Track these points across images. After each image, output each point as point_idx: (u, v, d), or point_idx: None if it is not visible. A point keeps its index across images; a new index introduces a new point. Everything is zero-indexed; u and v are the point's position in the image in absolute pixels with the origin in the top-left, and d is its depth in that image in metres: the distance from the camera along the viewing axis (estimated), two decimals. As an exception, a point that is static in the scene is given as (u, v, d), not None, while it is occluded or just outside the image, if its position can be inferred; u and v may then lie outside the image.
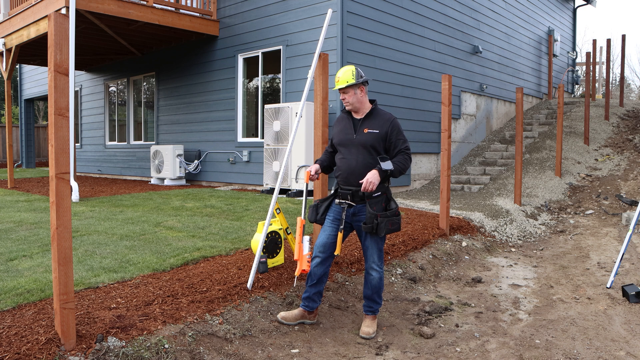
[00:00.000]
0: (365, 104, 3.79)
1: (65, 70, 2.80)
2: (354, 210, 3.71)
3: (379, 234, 3.57)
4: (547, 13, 15.46)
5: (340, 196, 3.74)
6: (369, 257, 3.74)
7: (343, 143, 3.77)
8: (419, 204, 8.23)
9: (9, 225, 6.10)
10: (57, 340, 2.84)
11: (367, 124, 3.71)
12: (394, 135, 3.68)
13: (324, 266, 3.76)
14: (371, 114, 3.76)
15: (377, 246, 3.72)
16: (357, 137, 3.70)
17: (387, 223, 3.57)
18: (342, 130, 3.81)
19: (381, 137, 3.66)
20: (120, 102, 14.04)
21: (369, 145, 3.65)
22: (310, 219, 3.88)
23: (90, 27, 10.07)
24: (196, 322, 3.38)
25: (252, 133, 10.30)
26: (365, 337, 3.73)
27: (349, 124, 3.79)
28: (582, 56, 22.60)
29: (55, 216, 2.77)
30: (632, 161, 10.29)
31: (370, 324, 3.82)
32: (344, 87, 3.69)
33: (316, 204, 3.86)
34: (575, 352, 3.50)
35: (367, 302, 3.85)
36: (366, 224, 3.58)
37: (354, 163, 3.68)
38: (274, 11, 9.54)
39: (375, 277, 3.73)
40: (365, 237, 3.72)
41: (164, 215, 6.66)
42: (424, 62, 10.25)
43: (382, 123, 3.70)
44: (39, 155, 20.05)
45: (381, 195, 3.64)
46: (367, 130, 3.67)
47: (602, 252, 6.30)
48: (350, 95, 3.72)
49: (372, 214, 3.55)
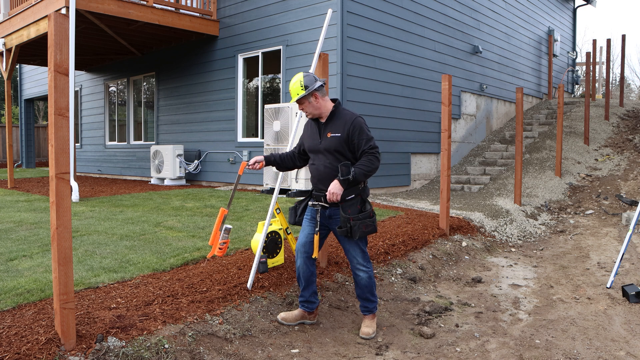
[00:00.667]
0: (325, 107, 3.64)
1: (65, 70, 2.80)
2: (329, 212, 3.64)
3: (353, 237, 3.51)
4: (547, 13, 15.46)
5: (314, 197, 3.70)
6: (353, 259, 3.68)
7: (311, 149, 3.71)
8: (419, 204, 8.23)
9: (9, 225, 6.10)
10: (57, 340, 2.84)
11: (330, 128, 3.60)
12: (356, 136, 3.52)
13: (307, 266, 3.72)
14: (332, 117, 3.63)
15: (359, 247, 3.66)
16: (322, 142, 3.61)
17: (360, 226, 3.49)
18: (310, 136, 3.74)
19: (344, 140, 3.53)
20: (120, 102, 14.04)
21: (333, 150, 3.55)
22: (290, 221, 3.84)
23: (90, 27, 10.07)
24: (196, 322, 3.38)
25: (252, 133, 10.30)
26: (365, 338, 3.71)
27: (315, 129, 3.70)
28: (582, 56, 22.60)
29: (55, 216, 2.77)
30: (632, 161, 10.29)
31: (369, 324, 3.80)
32: (300, 98, 3.59)
33: (295, 205, 3.82)
34: (575, 352, 3.50)
35: (362, 302, 3.82)
36: (340, 228, 3.52)
37: (322, 169, 3.61)
38: (274, 11, 9.54)
39: (364, 277, 3.69)
40: (343, 240, 3.66)
41: (164, 215, 6.66)
42: (424, 62, 10.25)
43: (343, 125, 3.55)
44: (39, 155, 20.05)
45: (355, 197, 3.55)
46: (330, 135, 3.57)
47: (602, 252, 6.30)
48: (306, 106, 3.61)
49: (345, 217, 3.49)
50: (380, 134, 9.25)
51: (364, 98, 8.92)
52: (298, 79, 3.58)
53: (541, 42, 15.14)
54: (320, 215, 3.67)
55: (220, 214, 3.82)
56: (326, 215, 3.67)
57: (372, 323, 3.81)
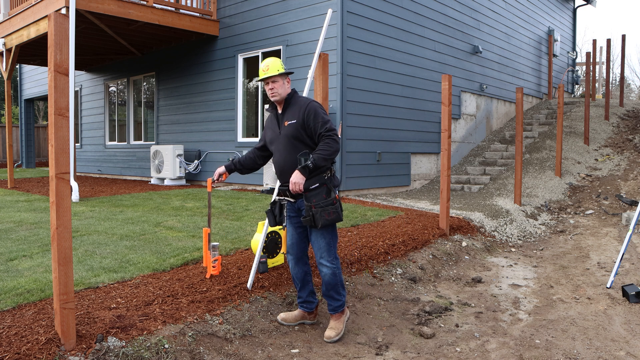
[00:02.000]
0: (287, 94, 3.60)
1: (65, 70, 2.80)
2: (298, 205, 3.56)
3: (316, 226, 3.38)
4: (547, 13, 15.46)
5: (280, 192, 3.63)
6: (317, 252, 3.53)
7: (271, 141, 3.64)
8: (419, 204, 8.23)
9: (9, 225, 6.10)
10: (57, 340, 2.84)
11: (287, 116, 3.53)
12: (311, 120, 3.42)
13: (300, 266, 3.68)
14: (288, 105, 3.56)
15: (324, 240, 3.50)
16: (281, 132, 3.54)
17: (322, 213, 3.35)
18: (269, 128, 3.69)
19: (300, 126, 3.45)
20: (120, 102, 14.05)
21: (292, 138, 3.47)
22: (270, 224, 3.71)
23: (90, 27, 10.07)
24: (196, 322, 3.38)
25: (252, 133, 10.29)
26: (326, 341, 3.58)
27: (274, 120, 3.65)
28: (582, 56, 22.60)
29: (55, 216, 2.77)
30: (632, 161, 10.29)
31: (333, 326, 3.65)
32: (275, 76, 3.51)
33: (270, 208, 3.70)
34: (575, 352, 3.50)
35: (327, 299, 3.66)
36: (304, 217, 3.41)
37: (282, 161, 3.54)
38: (274, 11, 9.54)
39: (327, 273, 3.53)
40: (310, 232, 3.54)
41: (164, 215, 6.66)
42: (424, 62, 10.25)
43: (298, 111, 3.48)
44: (39, 155, 20.05)
45: (320, 187, 3.42)
46: (287, 123, 3.50)
47: (602, 252, 6.30)
48: (279, 85, 3.54)
49: (307, 205, 3.39)
50: (380, 134, 9.25)
51: (364, 98, 8.92)
52: (277, 59, 3.61)
53: (541, 42, 15.14)
54: (291, 209, 3.61)
55: (204, 234, 3.91)
56: (296, 209, 3.60)
57: (337, 324, 3.67)
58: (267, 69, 3.55)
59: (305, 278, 3.73)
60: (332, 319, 3.69)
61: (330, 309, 3.67)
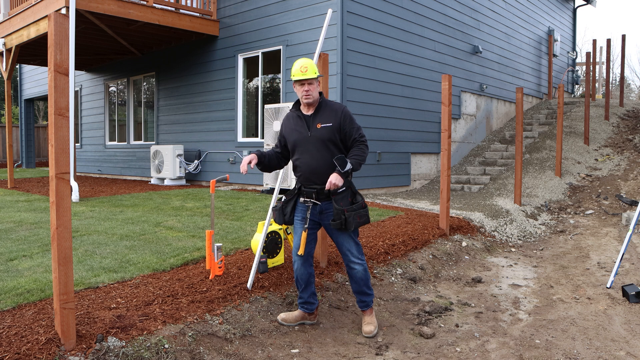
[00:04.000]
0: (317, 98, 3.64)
1: (65, 70, 2.80)
2: (320, 208, 3.60)
3: (348, 229, 3.48)
4: (547, 13, 15.46)
5: (304, 194, 3.62)
6: (346, 252, 3.63)
7: (298, 142, 3.61)
8: (419, 204, 8.22)
9: (9, 225, 6.10)
10: (57, 340, 2.84)
11: (319, 119, 3.57)
12: (347, 125, 3.55)
13: (305, 268, 3.71)
14: (321, 107, 3.61)
15: (353, 240, 3.63)
16: (312, 134, 3.55)
17: (355, 217, 3.47)
18: (294, 130, 3.65)
19: (335, 129, 3.53)
20: (120, 102, 14.04)
21: (326, 140, 3.52)
22: (278, 221, 3.75)
23: (90, 27, 10.07)
24: (196, 322, 3.38)
25: (252, 133, 10.29)
26: (367, 336, 3.69)
27: (300, 121, 3.63)
28: (582, 56, 22.59)
29: (55, 216, 2.77)
30: (632, 161, 10.29)
31: (370, 320, 3.78)
32: (312, 78, 3.51)
33: (281, 205, 3.72)
34: (575, 352, 3.50)
35: (359, 296, 3.77)
36: (334, 221, 3.48)
37: (314, 163, 3.54)
38: (274, 11, 9.54)
39: (360, 270, 3.65)
40: (337, 234, 3.61)
41: (164, 215, 6.66)
42: (424, 62, 10.25)
43: (334, 114, 3.56)
44: (39, 155, 20.05)
45: (346, 190, 3.53)
46: (321, 125, 3.54)
47: (602, 252, 6.30)
48: (315, 88, 3.56)
49: (339, 209, 3.46)
50: (380, 134, 9.25)
51: (364, 98, 8.92)
52: (312, 61, 3.60)
53: (541, 42, 15.14)
54: (311, 212, 3.62)
55: (208, 236, 3.92)
56: (317, 212, 3.62)
57: (372, 319, 3.79)
58: (306, 71, 3.53)
59: (309, 279, 3.75)
60: (366, 314, 3.80)
61: (363, 305, 3.78)
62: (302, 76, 3.51)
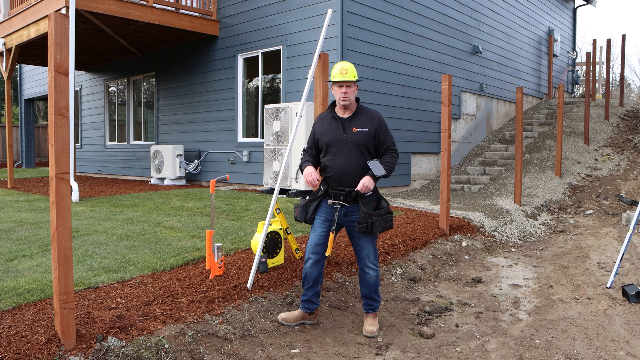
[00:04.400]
0: (355, 102, 3.76)
1: (65, 70, 2.80)
2: (345, 210, 3.68)
3: (373, 233, 3.58)
4: (547, 13, 15.46)
5: (332, 196, 3.68)
6: (364, 257, 3.72)
7: (332, 143, 3.68)
8: (419, 204, 8.22)
9: (9, 225, 6.10)
10: (57, 340, 2.84)
11: (356, 123, 3.66)
12: (382, 133, 3.68)
13: (317, 267, 3.74)
14: (358, 112, 3.72)
15: (372, 245, 3.73)
16: (347, 136, 3.64)
17: (381, 222, 3.58)
18: (328, 131, 3.72)
19: (371, 135, 3.65)
20: (120, 102, 14.05)
21: (361, 144, 3.62)
22: (300, 218, 3.81)
23: (90, 27, 10.07)
24: (196, 322, 3.37)
25: (252, 133, 10.30)
26: (369, 336, 3.74)
27: (336, 123, 3.70)
28: (582, 56, 22.59)
29: (55, 216, 2.77)
30: (632, 161, 10.29)
31: (373, 322, 3.84)
32: (351, 81, 3.62)
33: (305, 203, 3.79)
34: (575, 352, 3.50)
35: (366, 300, 3.86)
36: (360, 224, 3.57)
37: (346, 164, 3.62)
38: (274, 11, 9.54)
39: (372, 276, 3.75)
40: (358, 237, 3.70)
41: (164, 215, 6.66)
42: (424, 62, 10.25)
43: (370, 121, 3.67)
44: (39, 155, 20.05)
45: (372, 194, 3.65)
46: (357, 130, 3.64)
47: (602, 252, 6.30)
48: (352, 91, 3.66)
49: (366, 213, 3.56)
50: (380, 134, 9.23)
51: (364, 98, 8.92)
52: (351, 64, 3.70)
53: (541, 42, 15.14)
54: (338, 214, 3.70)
55: (208, 236, 3.94)
56: (342, 213, 3.70)
57: (374, 321, 3.85)
58: (346, 73, 3.63)
59: (317, 279, 3.80)
60: (370, 316, 3.88)
61: (370, 309, 3.87)
62: (341, 78, 3.61)
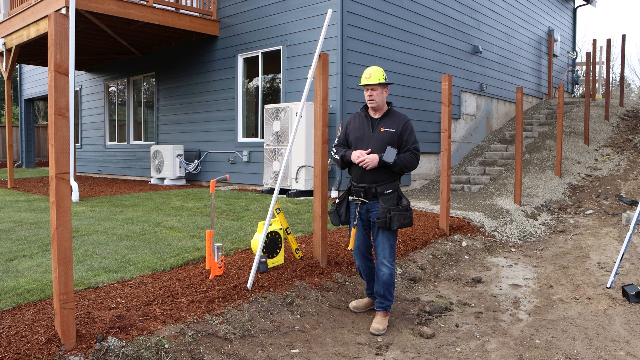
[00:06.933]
0: (384, 104, 3.96)
1: (65, 70, 2.80)
2: (367, 206, 3.86)
3: (391, 228, 3.70)
4: (547, 13, 15.46)
5: (353, 193, 3.89)
6: (380, 253, 3.84)
7: (359, 139, 3.90)
8: (419, 204, 8.22)
9: (9, 225, 6.10)
10: (57, 340, 2.84)
11: (384, 123, 3.88)
12: (406, 135, 3.86)
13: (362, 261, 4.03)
14: (388, 114, 3.93)
15: (389, 242, 3.83)
16: (374, 134, 3.86)
17: (399, 217, 3.70)
18: (358, 128, 3.95)
19: (397, 136, 3.83)
20: (120, 102, 14.04)
21: (386, 143, 3.80)
22: (335, 223, 4.01)
23: (90, 27, 10.07)
24: (196, 322, 3.37)
25: (252, 133, 10.30)
26: (374, 333, 3.80)
27: (366, 121, 3.94)
28: (582, 56, 22.59)
29: (55, 216, 2.77)
30: (632, 161, 10.29)
31: (381, 321, 3.90)
32: (375, 84, 3.82)
33: (335, 208, 4.00)
34: (575, 352, 3.50)
35: (379, 298, 3.95)
36: (379, 219, 3.71)
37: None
38: (274, 11, 9.54)
39: (386, 273, 3.83)
40: (377, 233, 3.84)
41: (164, 215, 6.66)
42: (424, 62, 10.25)
43: (397, 123, 3.87)
44: (39, 155, 20.05)
45: (393, 192, 3.81)
46: (384, 129, 3.85)
47: (602, 252, 6.30)
48: (378, 94, 3.87)
49: (384, 208, 3.71)
50: (380, 134, 9.23)
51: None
52: (380, 69, 3.90)
53: (541, 42, 15.14)
54: (360, 209, 3.87)
55: (208, 236, 3.98)
56: (364, 210, 3.88)
57: (383, 320, 3.91)
58: (370, 77, 3.86)
59: (371, 273, 4.06)
60: (380, 315, 3.95)
61: (381, 307, 3.95)
62: (365, 81, 3.88)
